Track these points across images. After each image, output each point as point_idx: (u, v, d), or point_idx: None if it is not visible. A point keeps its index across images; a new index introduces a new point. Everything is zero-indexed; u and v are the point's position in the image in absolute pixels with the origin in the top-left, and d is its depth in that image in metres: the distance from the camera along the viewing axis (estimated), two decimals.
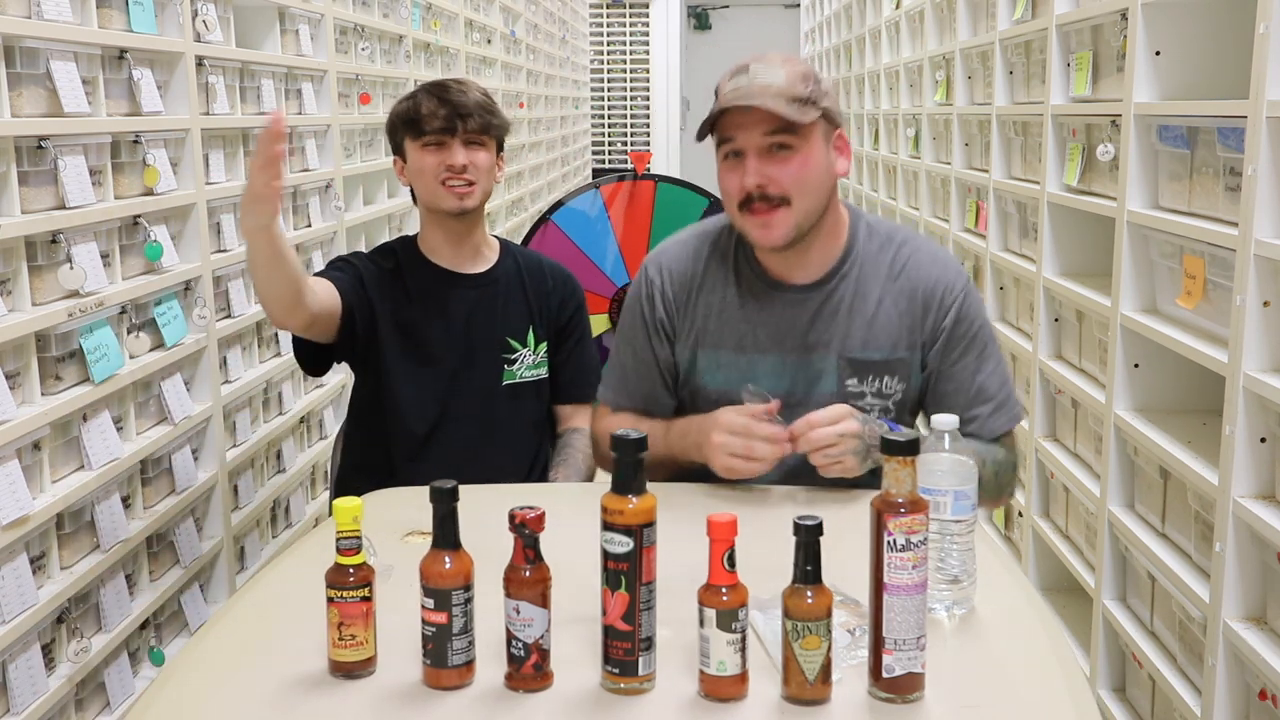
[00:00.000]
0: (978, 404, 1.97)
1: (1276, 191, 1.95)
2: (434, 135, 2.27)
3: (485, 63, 5.78)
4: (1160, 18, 2.41)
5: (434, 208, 2.32)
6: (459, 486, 1.34)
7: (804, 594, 1.28)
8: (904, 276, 1.97)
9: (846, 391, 1.96)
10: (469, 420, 2.33)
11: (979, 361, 1.97)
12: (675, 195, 4.34)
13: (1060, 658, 1.43)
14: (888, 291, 1.97)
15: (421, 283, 2.34)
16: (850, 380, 1.96)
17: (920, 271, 1.98)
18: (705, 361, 2.01)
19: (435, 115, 2.27)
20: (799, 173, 1.87)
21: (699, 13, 13.31)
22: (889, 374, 1.96)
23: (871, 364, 1.96)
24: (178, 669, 1.44)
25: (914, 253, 2.00)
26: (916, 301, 1.96)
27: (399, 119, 2.32)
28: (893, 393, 1.97)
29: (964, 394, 1.97)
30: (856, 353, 1.95)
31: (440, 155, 2.28)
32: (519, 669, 1.33)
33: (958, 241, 4.02)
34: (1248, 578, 2.05)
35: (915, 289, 1.97)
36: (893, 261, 1.98)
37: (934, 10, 4.48)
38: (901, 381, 1.97)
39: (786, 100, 1.84)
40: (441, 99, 2.28)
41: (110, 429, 2.14)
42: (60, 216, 2.00)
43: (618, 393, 2.10)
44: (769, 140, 1.86)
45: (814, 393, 1.96)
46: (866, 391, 1.96)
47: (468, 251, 2.37)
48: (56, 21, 2.00)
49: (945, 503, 1.46)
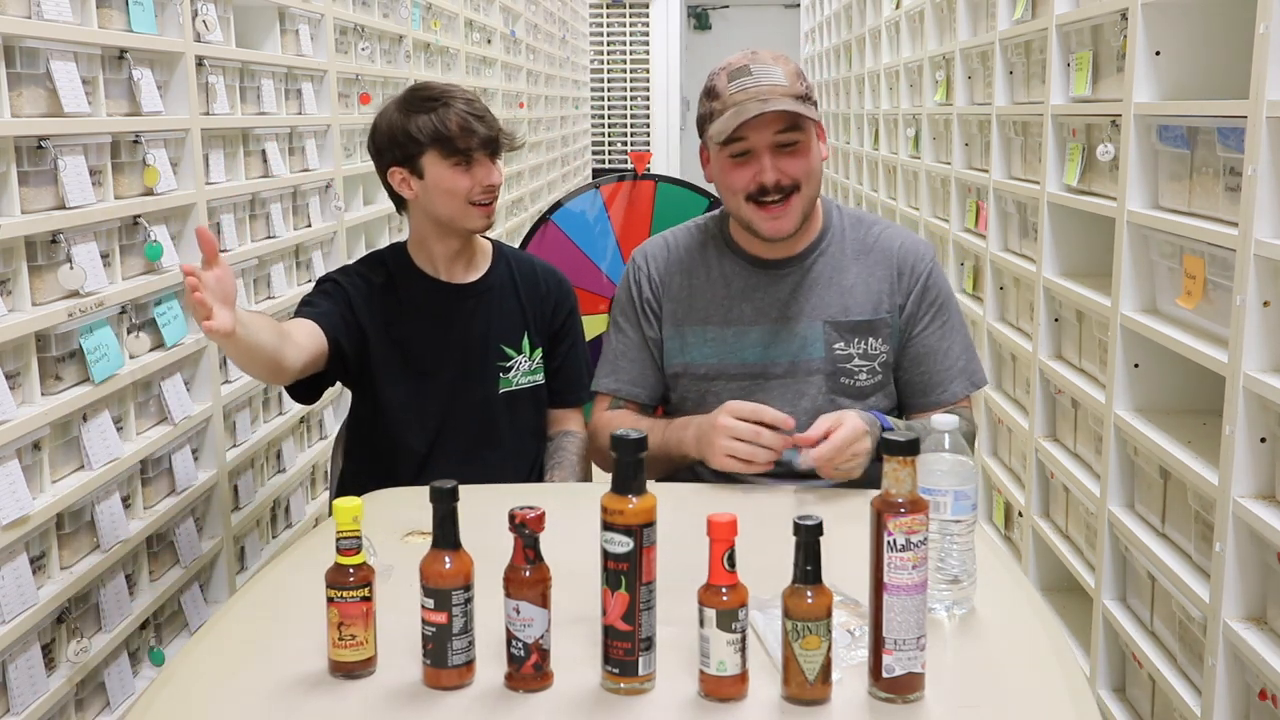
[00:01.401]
0: (941, 370, 2.08)
1: (1276, 191, 1.95)
2: (471, 154, 2.21)
3: (485, 63, 5.78)
4: (1160, 18, 2.41)
5: (455, 226, 2.26)
6: (459, 486, 1.34)
7: (804, 594, 1.28)
8: (877, 249, 2.10)
9: (835, 355, 2.05)
10: (468, 432, 2.30)
11: (944, 329, 2.09)
12: (675, 195, 4.34)
13: (1060, 658, 1.43)
14: (863, 263, 2.09)
15: (415, 296, 2.30)
16: (838, 345, 2.05)
17: (892, 244, 2.11)
18: (694, 337, 2.11)
19: (472, 133, 2.20)
20: (806, 164, 2.00)
21: (699, 13, 13.31)
22: (873, 335, 2.07)
23: (856, 325, 2.06)
24: (178, 669, 1.44)
25: (884, 229, 2.14)
26: (891, 268, 2.09)
27: (424, 134, 2.21)
28: (878, 353, 2.07)
29: (929, 359, 2.08)
30: (840, 316, 2.06)
31: (474, 175, 2.22)
32: (519, 669, 1.33)
33: (958, 241, 4.02)
34: (1248, 578, 2.05)
35: (889, 258, 2.10)
36: (865, 237, 2.12)
37: (934, 10, 4.48)
38: (885, 342, 2.07)
39: (793, 99, 1.96)
40: (470, 114, 2.21)
41: (110, 429, 2.14)
42: (60, 216, 2.00)
43: (610, 377, 2.18)
44: (780, 138, 1.97)
45: (801, 359, 2.06)
46: (854, 354, 2.06)
47: (464, 262, 2.34)
48: (56, 21, 2.00)
49: (945, 503, 1.46)
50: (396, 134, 2.24)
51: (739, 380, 2.07)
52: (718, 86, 2.00)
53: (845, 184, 6.86)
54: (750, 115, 1.92)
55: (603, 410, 2.18)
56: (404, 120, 2.23)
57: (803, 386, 2.05)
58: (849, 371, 2.04)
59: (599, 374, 2.20)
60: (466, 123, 2.21)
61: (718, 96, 2.00)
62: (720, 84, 1.99)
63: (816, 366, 2.05)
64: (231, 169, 2.70)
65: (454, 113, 2.22)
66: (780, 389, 2.04)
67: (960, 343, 2.11)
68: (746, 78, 1.96)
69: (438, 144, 2.21)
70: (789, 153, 1.98)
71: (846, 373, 2.04)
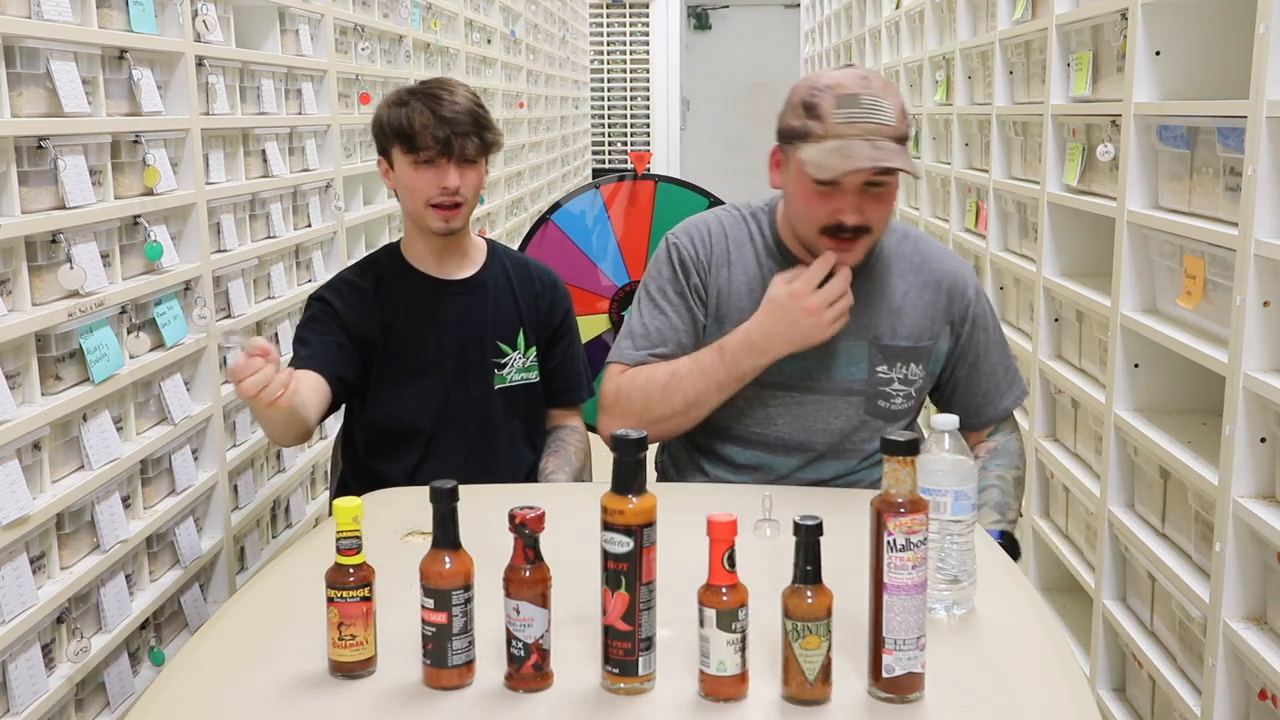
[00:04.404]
0: (990, 389, 2.07)
1: (1276, 191, 1.95)
2: (427, 153, 2.18)
3: (485, 63, 5.78)
4: (1160, 18, 2.41)
5: (419, 224, 2.27)
6: (459, 486, 1.34)
7: (804, 594, 1.28)
8: (925, 268, 2.05)
9: (876, 378, 2.01)
10: (465, 429, 2.30)
11: (989, 351, 2.07)
12: (675, 195, 4.34)
13: (1060, 658, 1.43)
14: (912, 283, 2.03)
15: (408, 294, 2.30)
16: (880, 367, 2.01)
17: (940, 264, 2.06)
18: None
19: (430, 134, 2.17)
20: (888, 209, 1.94)
21: (699, 13, 13.30)
22: (915, 361, 2.02)
23: (900, 351, 2.01)
24: (178, 669, 1.44)
25: (929, 246, 2.09)
26: (940, 293, 2.04)
27: (389, 128, 2.22)
28: (916, 380, 2.03)
29: (979, 381, 2.07)
30: (887, 339, 2.01)
31: (432, 176, 2.19)
32: (519, 669, 1.33)
33: (958, 241, 4.01)
34: (1248, 578, 2.05)
35: (939, 281, 2.04)
36: (912, 254, 2.06)
37: (934, 10, 4.48)
38: (923, 369, 2.04)
39: (898, 141, 1.87)
40: (436, 113, 2.18)
41: (110, 429, 2.14)
42: (60, 216, 2.00)
43: (642, 348, 2.03)
44: (871, 178, 1.87)
45: (838, 378, 2.00)
46: (894, 378, 2.02)
47: (454, 258, 2.33)
48: (56, 21, 2.00)
49: (945, 503, 1.46)
50: (376, 125, 2.28)
51: (773, 389, 2.00)
52: (822, 107, 1.86)
53: None
54: (859, 167, 1.82)
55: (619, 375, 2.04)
56: (386, 111, 2.25)
57: (840, 405, 2.00)
58: (887, 395, 2.01)
59: (623, 347, 2.05)
60: (428, 122, 2.17)
61: (820, 118, 1.86)
62: (825, 105, 1.85)
63: (858, 388, 2.00)
64: (231, 169, 2.70)
65: (421, 110, 2.18)
66: (816, 405, 2.00)
67: (1008, 357, 2.10)
68: (855, 109, 1.84)
69: (399, 140, 2.21)
70: (875, 195, 1.89)
71: (884, 395, 2.01)
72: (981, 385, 2.07)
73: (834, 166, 1.83)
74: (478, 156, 2.24)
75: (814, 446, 2.02)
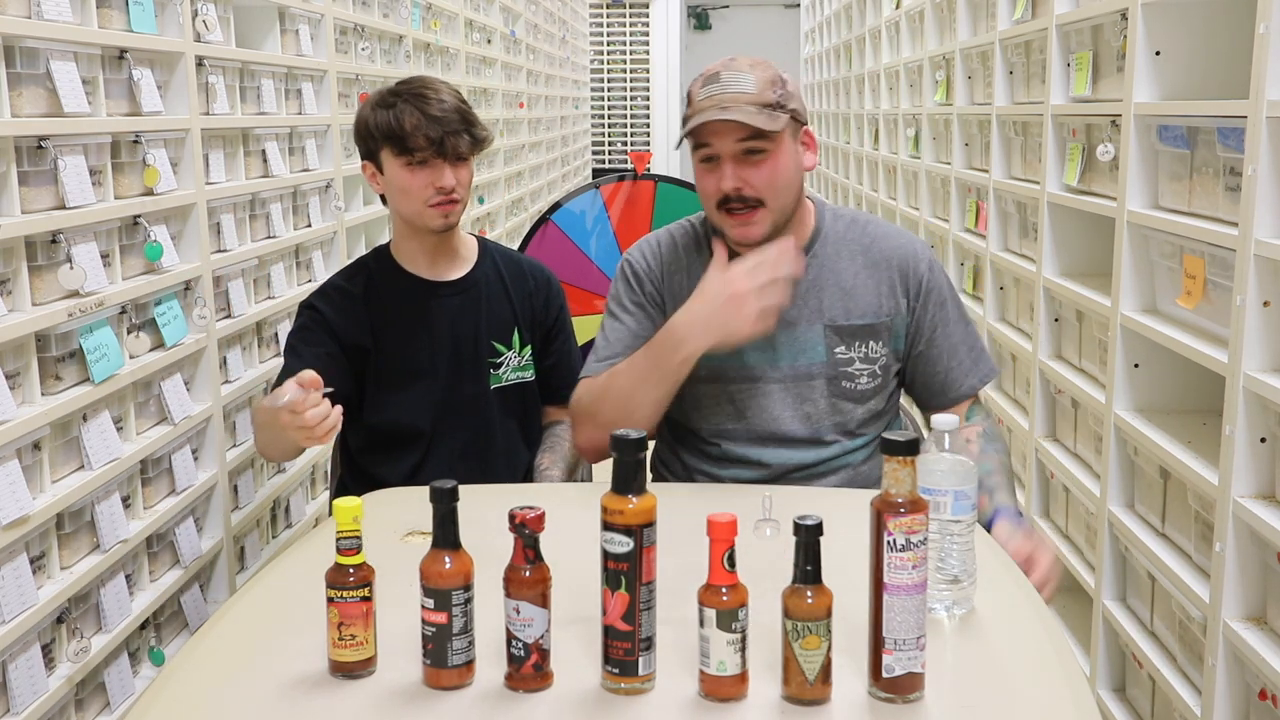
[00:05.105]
0: (952, 367, 2.08)
1: (1276, 191, 1.95)
2: (422, 154, 2.17)
3: (485, 63, 5.78)
4: (1160, 18, 2.41)
5: (417, 225, 2.26)
6: (459, 486, 1.34)
7: (804, 594, 1.28)
8: (874, 249, 2.08)
9: (836, 358, 2.04)
10: (462, 429, 2.30)
11: (949, 327, 2.08)
12: (675, 195, 4.35)
13: (1060, 658, 1.43)
14: (862, 264, 2.07)
15: (400, 297, 2.30)
16: (839, 348, 2.04)
17: (889, 243, 2.09)
18: None
19: (423, 134, 2.16)
20: (771, 175, 1.95)
21: (699, 13, 13.31)
22: (873, 338, 2.06)
23: (857, 329, 2.05)
24: (178, 669, 1.44)
25: (880, 229, 2.12)
26: (892, 269, 2.07)
27: (377, 131, 2.20)
28: (879, 357, 2.06)
29: (939, 359, 2.07)
30: (841, 320, 2.04)
31: (427, 175, 2.19)
32: (519, 669, 1.33)
33: (958, 241, 4.02)
34: (1248, 578, 2.05)
35: (889, 259, 2.08)
36: (861, 237, 2.09)
37: (934, 10, 4.48)
38: (885, 345, 2.07)
39: (758, 108, 1.92)
40: (426, 113, 2.17)
41: (110, 429, 2.14)
42: (60, 216, 2.00)
43: (604, 359, 2.06)
44: (743, 146, 1.93)
45: (801, 362, 2.04)
46: (854, 357, 2.05)
47: (446, 258, 2.33)
48: (56, 21, 2.00)
49: (945, 503, 1.46)
50: (361, 128, 2.25)
51: (738, 383, 2.05)
52: (692, 91, 1.99)
53: (845, 184, 6.86)
54: (701, 122, 1.90)
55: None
56: (369, 114, 2.23)
57: (804, 390, 2.04)
58: (850, 375, 2.04)
59: (590, 362, 2.09)
60: (419, 123, 2.17)
61: (690, 101, 1.98)
62: (695, 89, 1.97)
63: (818, 370, 2.04)
64: (231, 169, 2.70)
65: (411, 111, 2.18)
66: (781, 393, 2.04)
67: (970, 335, 2.11)
68: (715, 85, 1.93)
69: (390, 142, 2.20)
70: (753, 162, 1.93)
71: (848, 376, 2.04)
72: (943, 361, 2.07)
73: (687, 131, 1.94)
74: (470, 153, 2.24)
75: (788, 434, 2.04)
